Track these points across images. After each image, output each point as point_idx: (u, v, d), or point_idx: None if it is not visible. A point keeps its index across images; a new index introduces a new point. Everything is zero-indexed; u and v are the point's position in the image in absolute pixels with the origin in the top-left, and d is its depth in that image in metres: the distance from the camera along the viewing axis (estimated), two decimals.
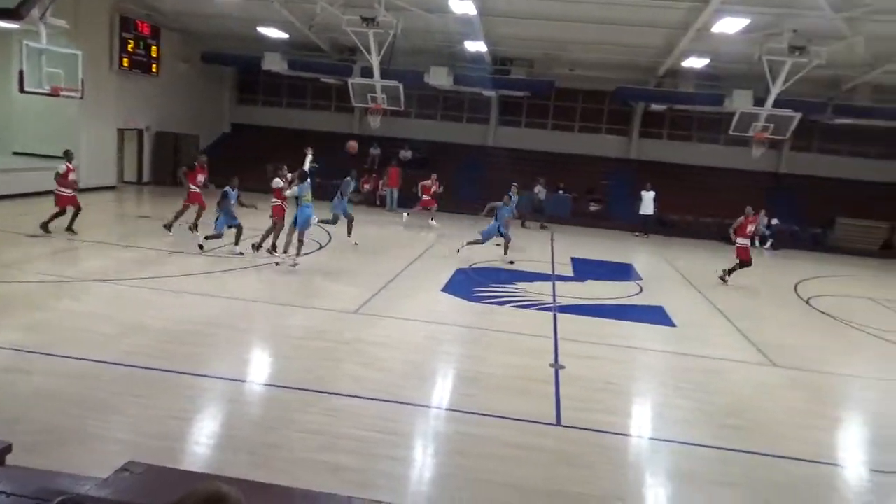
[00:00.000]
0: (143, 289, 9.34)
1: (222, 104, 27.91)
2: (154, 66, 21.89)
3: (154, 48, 21.74)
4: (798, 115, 17.84)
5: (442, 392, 6.82)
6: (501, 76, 22.92)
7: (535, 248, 16.57)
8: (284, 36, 21.27)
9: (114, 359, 6.50)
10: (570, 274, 13.60)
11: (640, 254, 17.72)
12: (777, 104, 17.77)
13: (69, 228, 12.49)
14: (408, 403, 6.21)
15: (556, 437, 5.80)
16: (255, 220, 12.74)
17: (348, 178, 14.23)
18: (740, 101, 19.73)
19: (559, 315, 9.97)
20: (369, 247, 14.02)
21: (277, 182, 12.11)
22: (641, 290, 12.56)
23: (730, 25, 15.58)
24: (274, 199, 12.17)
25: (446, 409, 6.27)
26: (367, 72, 19.80)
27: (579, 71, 22.78)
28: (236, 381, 6.48)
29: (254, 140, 25.38)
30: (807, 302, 12.75)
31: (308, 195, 11.34)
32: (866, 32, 15.55)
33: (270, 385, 6.60)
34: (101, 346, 6.85)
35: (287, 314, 8.90)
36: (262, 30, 20.77)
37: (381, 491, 4.68)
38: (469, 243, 13.92)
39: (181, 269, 10.69)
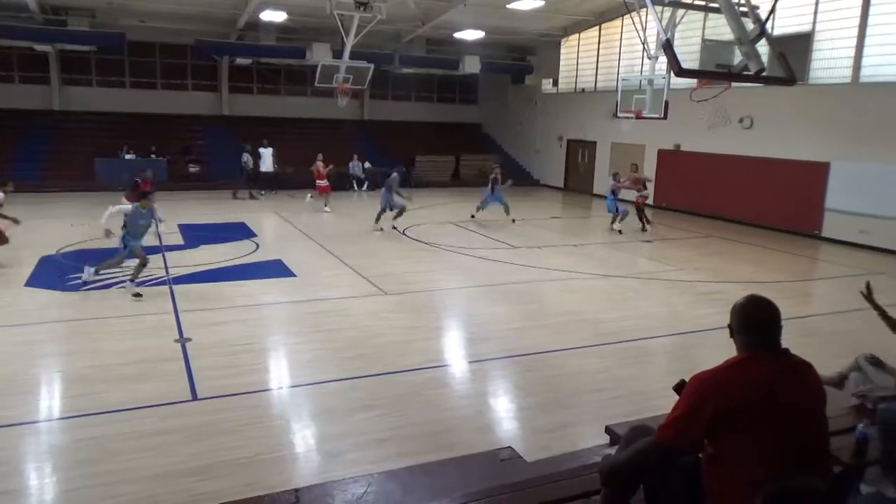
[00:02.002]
0: None
1: None
2: None
3: None
4: (371, 66, 19.54)
5: (48, 401, 5.88)
6: (56, 28, 19.67)
7: None
8: None
9: None
10: (181, 242, 12.84)
11: (250, 212, 17.62)
12: (353, 56, 19.12)
13: None
14: (3, 426, 5.20)
15: (196, 412, 5.57)
16: None
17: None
18: (320, 54, 20.75)
19: (175, 287, 9.42)
20: None
21: None
22: (258, 247, 12.60)
23: None
24: None
25: (58, 419, 5.46)
26: None
27: (153, 23, 20.92)
28: None
29: None
30: (403, 233, 14.47)
31: None
32: None
33: None
34: None
35: None
36: None
37: None
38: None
39: None
